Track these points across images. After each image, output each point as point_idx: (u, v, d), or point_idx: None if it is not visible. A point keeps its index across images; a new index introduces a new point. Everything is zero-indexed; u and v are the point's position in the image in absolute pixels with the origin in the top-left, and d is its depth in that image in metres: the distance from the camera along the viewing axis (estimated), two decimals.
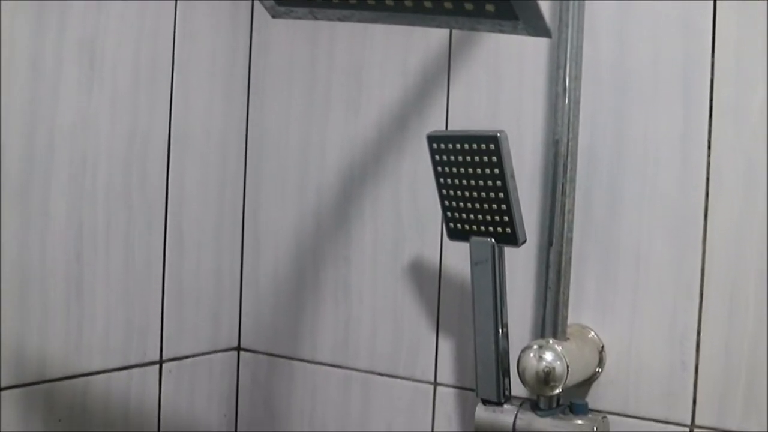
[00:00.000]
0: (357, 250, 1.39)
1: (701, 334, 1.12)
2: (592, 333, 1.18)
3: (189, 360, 1.43)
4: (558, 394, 1.12)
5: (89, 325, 1.27)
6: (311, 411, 1.44)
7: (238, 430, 1.52)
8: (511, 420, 1.13)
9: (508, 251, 1.12)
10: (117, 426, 1.32)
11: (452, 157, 1.08)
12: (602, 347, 1.18)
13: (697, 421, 1.13)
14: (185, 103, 1.39)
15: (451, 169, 1.09)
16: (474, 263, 1.11)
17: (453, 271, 1.30)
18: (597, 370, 1.18)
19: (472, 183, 1.07)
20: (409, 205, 1.34)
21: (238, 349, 1.52)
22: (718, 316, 1.11)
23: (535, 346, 1.09)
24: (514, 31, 0.79)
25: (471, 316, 1.13)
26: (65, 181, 1.22)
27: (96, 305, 1.28)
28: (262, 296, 1.49)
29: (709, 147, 1.11)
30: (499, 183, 1.05)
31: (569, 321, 1.17)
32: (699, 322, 1.12)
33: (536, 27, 0.78)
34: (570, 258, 1.13)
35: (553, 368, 1.07)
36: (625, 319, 1.17)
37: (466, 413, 1.29)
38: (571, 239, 1.13)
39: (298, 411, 1.45)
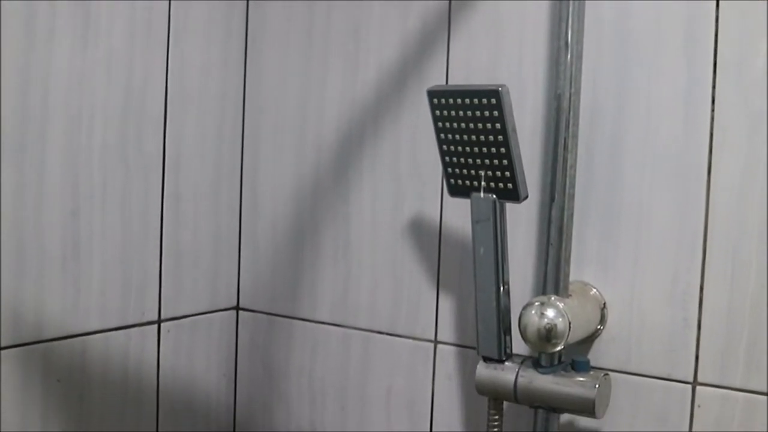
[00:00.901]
0: (356, 208, 1.38)
1: (704, 291, 1.11)
2: (594, 290, 1.18)
3: (188, 320, 1.42)
4: (559, 352, 1.11)
5: (86, 284, 1.26)
6: (310, 370, 1.43)
7: (238, 389, 1.52)
8: (512, 377, 1.12)
9: (510, 208, 1.11)
10: (116, 386, 1.31)
11: (453, 113, 1.07)
12: (604, 304, 1.17)
13: (700, 378, 1.12)
14: (182, 60, 1.38)
15: (451, 125, 1.08)
16: (475, 221, 1.10)
17: (453, 228, 1.29)
18: (599, 327, 1.17)
19: (473, 138, 1.06)
20: (409, 162, 1.32)
21: (237, 308, 1.51)
22: (721, 272, 1.10)
23: (536, 303, 1.08)
24: None
25: (472, 274, 1.13)
26: (60, 138, 1.21)
27: (93, 264, 1.27)
28: (260, 255, 1.48)
29: (713, 102, 1.10)
30: (500, 138, 1.04)
31: (571, 278, 1.16)
32: (702, 278, 1.12)
33: None
34: (572, 214, 1.12)
35: (555, 325, 1.06)
36: (627, 276, 1.16)
37: (466, 371, 1.29)
38: (573, 195, 1.12)
39: (298, 370, 1.45)
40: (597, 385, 1.08)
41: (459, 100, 1.06)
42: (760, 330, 1.08)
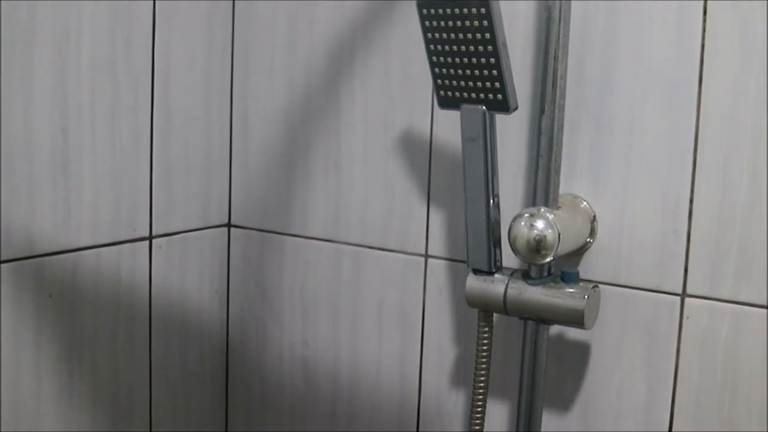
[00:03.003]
0: (347, 123, 1.37)
1: (694, 203, 1.11)
2: (584, 203, 1.18)
3: (179, 236, 1.42)
4: (549, 263, 1.11)
5: (77, 199, 1.25)
6: (302, 285, 1.44)
7: (230, 306, 1.53)
8: (502, 289, 1.13)
9: (500, 123, 1.10)
10: (108, 301, 1.32)
11: (442, 23, 1.06)
12: (594, 217, 1.17)
13: (689, 290, 1.13)
14: None
15: (441, 36, 1.06)
16: (465, 135, 1.09)
17: (444, 143, 1.28)
18: (588, 240, 1.17)
19: (463, 49, 1.05)
20: (400, 76, 1.31)
21: (229, 225, 1.51)
22: (712, 184, 1.10)
23: (526, 215, 1.08)
24: None
25: (462, 187, 1.12)
26: (48, 54, 1.20)
27: (83, 180, 1.26)
28: (252, 172, 1.48)
29: (704, 12, 1.09)
30: (490, 48, 1.03)
31: (561, 191, 1.16)
32: (692, 190, 1.11)
33: None
34: (562, 125, 1.12)
35: (545, 236, 1.06)
36: (617, 188, 1.16)
37: (456, 285, 1.30)
38: (563, 106, 1.11)
39: (290, 286, 1.45)
40: (586, 297, 1.09)
41: (448, 11, 1.04)
42: (750, 242, 1.09)
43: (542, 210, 1.09)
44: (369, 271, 1.37)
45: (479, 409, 1.19)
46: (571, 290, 1.10)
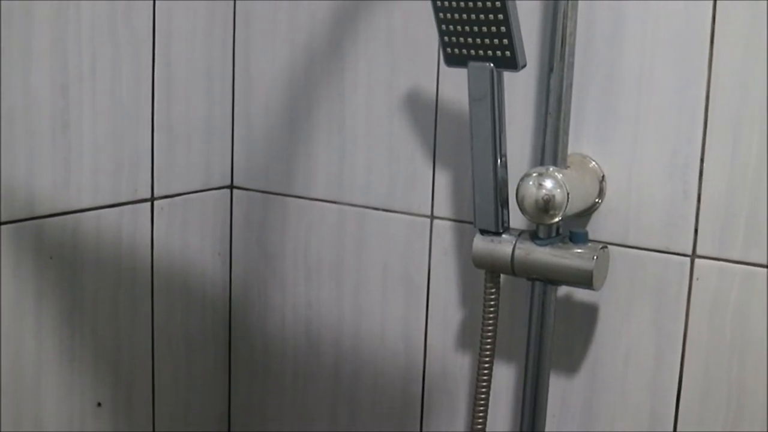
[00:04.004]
0: (351, 83, 1.35)
1: (704, 163, 1.10)
2: (593, 163, 1.16)
3: (181, 198, 1.41)
4: (557, 224, 1.10)
5: (77, 161, 1.24)
6: (306, 248, 1.43)
7: (233, 268, 1.52)
8: (509, 250, 1.11)
9: (507, 81, 1.09)
10: (110, 264, 1.31)
11: None
12: (603, 177, 1.16)
13: (699, 251, 1.11)
14: None
15: None
16: (473, 93, 1.07)
17: (450, 101, 1.27)
18: (597, 200, 1.16)
19: (471, 5, 1.03)
20: (404, 34, 1.29)
21: (231, 187, 1.50)
22: (722, 143, 1.09)
23: (534, 174, 1.06)
24: None
25: (469, 147, 1.11)
26: (48, 11, 1.18)
27: (84, 141, 1.25)
28: (254, 133, 1.46)
29: None
30: (498, 4, 1.01)
31: (569, 151, 1.14)
32: (702, 150, 1.10)
33: None
34: (571, 83, 1.10)
35: (553, 196, 1.05)
36: (626, 148, 1.14)
37: (463, 247, 1.28)
38: (572, 64, 1.10)
39: (293, 248, 1.44)
40: (595, 257, 1.08)
41: None
42: (761, 202, 1.07)
43: (551, 169, 1.07)
44: (373, 232, 1.36)
45: (486, 372, 1.18)
46: (579, 251, 1.09)
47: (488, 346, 1.17)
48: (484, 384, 1.18)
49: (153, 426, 1.42)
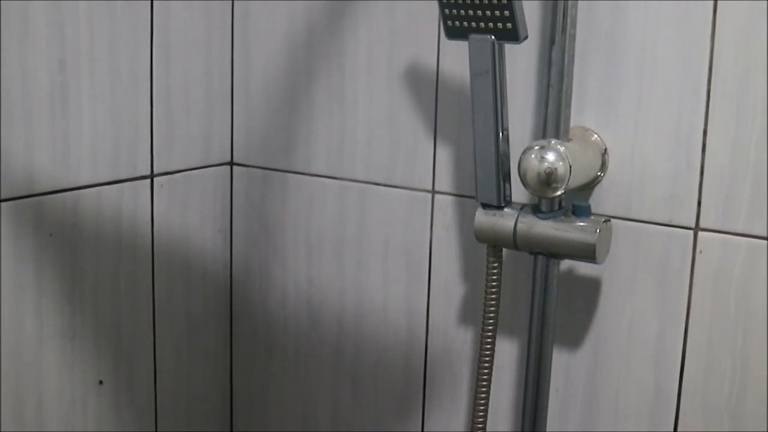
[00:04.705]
0: (350, 56, 1.34)
1: (707, 135, 1.09)
2: (595, 136, 1.15)
3: (180, 175, 1.40)
4: (560, 197, 1.09)
5: (76, 137, 1.23)
6: (307, 224, 1.42)
7: (234, 245, 1.51)
8: (511, 223, 1.11)
9: (509, 54, 1.08)
10: (110, 241, 1.30)
11: None
12: (605, 150, 1.15)
13: (702, 224, 1.11)
14: None
15: None
16: (473, 69, 1.07)
17: (451, 75, 1.26)
18: (599, 174, 1.15)
19: None
20: (404, 6, 1.28)
21: (231, 163, 1.49)
22: (726, 115, 1.08)
23: (536, 147, 1.06)
24: None
25: (470, 121, 1.10)
26: None
27: (82, 117, 1.24)
28: (254, 109, 1.45)
29: None
30: None
31: (572, 123, 1.13)
32: (705, 122, 1.09)
33: None
34: (573, 55, 1.09)
35: (555, 169, 1.04)
36: (629, 120, 1.14)
37: (464, 221, 1.27)
38: (575, 36, 1.09)
39: (294, 224, 1.43)
40: (598, 230, 1.07)
41: None
42: (764, 174, 1.07)
43: (553, 142, 1.06)
44: (374, 207, 1.35)
45: (488, 347, 1.18)
46: (582, 224, 1.08)
47: (491, 321, 1.17)
48: (487, 359, 1.18)
49: (155, 404, 1.41)
